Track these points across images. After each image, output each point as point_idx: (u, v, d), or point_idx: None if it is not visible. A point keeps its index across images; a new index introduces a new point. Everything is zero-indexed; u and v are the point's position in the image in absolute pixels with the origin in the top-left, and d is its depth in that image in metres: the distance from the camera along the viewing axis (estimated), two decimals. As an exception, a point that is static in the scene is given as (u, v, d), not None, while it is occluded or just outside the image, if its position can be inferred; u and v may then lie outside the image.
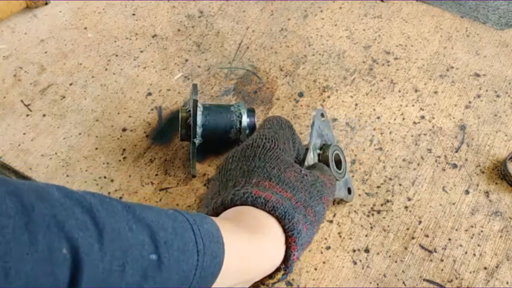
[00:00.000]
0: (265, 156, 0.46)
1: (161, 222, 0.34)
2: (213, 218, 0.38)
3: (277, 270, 0.42)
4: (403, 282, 0.54)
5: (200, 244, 0.34)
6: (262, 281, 0.42)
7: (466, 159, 0.63)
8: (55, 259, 0.27)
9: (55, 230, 0.28)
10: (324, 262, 0.55)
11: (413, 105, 0.68)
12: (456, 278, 0.53)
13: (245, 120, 0.61)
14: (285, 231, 0.41)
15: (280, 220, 0.41)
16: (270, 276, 0.42)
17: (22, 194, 0.28)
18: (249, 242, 0.39)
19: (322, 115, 0.56)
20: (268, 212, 0.41)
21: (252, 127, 0.62)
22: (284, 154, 0.47)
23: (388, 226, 0.57)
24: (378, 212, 0.59)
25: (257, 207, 0.41)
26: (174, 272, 0.33)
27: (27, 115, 0.69)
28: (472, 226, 0.57)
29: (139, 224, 0.32)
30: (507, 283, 0.53)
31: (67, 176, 0.62)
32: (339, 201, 0.59)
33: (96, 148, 0.65)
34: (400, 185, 0.61)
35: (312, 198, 0.45)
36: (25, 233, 0.27)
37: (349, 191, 0.58)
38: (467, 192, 0.60)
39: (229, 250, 0.37)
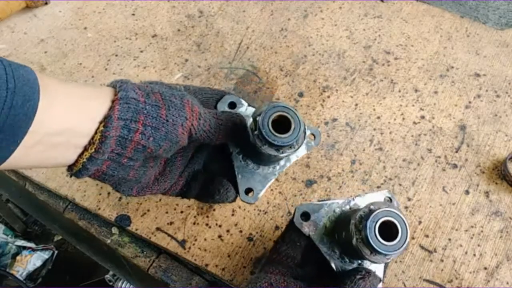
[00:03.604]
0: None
1: None
2: (41, 75, 0.40)
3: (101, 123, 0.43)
4: (403, 283, 0.54)
5: (11, 83, 0.36)
6: (89, 143, 0.42)
7: (466, 159, 0.63)
8: None
9: None
10: (324, 262, 0.55)
11: (413, 105, 0.68)
12: (456, 278, 0.53)
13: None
14: (116, 94, 0.43)
15: (115, 88, 0.44)
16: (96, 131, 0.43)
17: None
18: (76, 94, 0.41)
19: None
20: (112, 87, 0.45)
21: None
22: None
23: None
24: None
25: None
26: None
27: (27, 115, 0.69)
28: (472, 226, 0.57)
29: None
30: (507, 283, 0.53)
31: (67, 175, 0.62)
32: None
33: (96, 148, 0.65)
34: (400, 185, 0.61)
35: (167, 91, 0.46)
36: None
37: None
38: (467, 192, 0.60)
39: (51, 98, 0.38)
